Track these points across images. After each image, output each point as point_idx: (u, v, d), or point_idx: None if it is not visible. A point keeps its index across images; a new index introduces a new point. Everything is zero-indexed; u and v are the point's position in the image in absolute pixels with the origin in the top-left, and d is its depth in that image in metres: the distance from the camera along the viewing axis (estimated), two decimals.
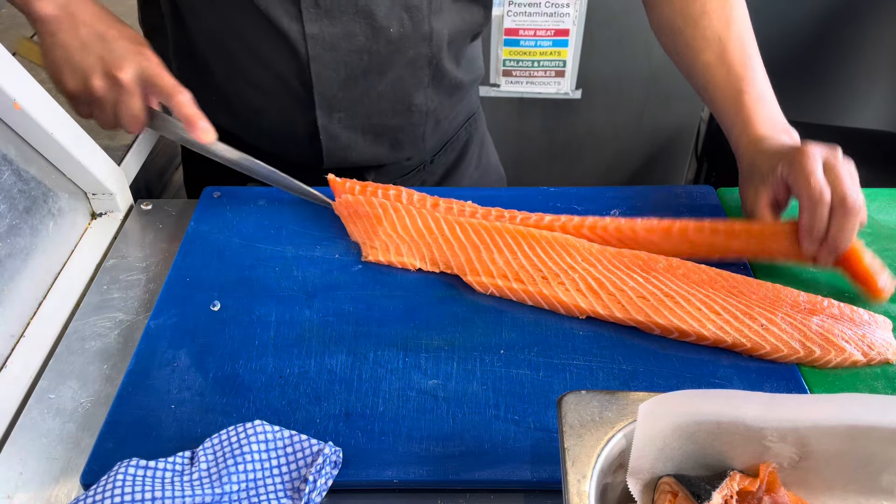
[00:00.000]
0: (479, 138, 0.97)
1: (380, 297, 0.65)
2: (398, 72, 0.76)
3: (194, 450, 0.51)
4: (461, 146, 0.94)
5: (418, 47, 0.75)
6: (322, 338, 0.61)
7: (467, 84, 0.85)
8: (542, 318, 0.63)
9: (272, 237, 0.71)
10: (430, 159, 0.90)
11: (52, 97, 0.67)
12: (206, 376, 0.57)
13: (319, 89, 0.75)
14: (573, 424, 0.44)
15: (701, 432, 0.43)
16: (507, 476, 0.50)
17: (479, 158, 0.97)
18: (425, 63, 0.77)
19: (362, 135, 0.81)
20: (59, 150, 0.68)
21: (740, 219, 0.69)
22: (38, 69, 0.96)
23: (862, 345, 0.59)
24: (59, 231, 0.71)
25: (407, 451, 0.52)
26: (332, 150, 0.81)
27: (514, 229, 0.68)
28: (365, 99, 0.78)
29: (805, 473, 0.44)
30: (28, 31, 1.06)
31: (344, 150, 0.81)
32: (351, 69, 0.75)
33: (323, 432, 0.53)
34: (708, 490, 0.42)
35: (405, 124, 0.81)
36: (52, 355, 0.61)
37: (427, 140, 0.85)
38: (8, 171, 0.65)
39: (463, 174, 0.94)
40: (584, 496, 0.40)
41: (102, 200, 0.76)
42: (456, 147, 0.93)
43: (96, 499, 0.46)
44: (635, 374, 0.58)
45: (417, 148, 0.85)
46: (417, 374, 0.58)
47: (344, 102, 0.77)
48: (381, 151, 0.83)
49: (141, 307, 0.66)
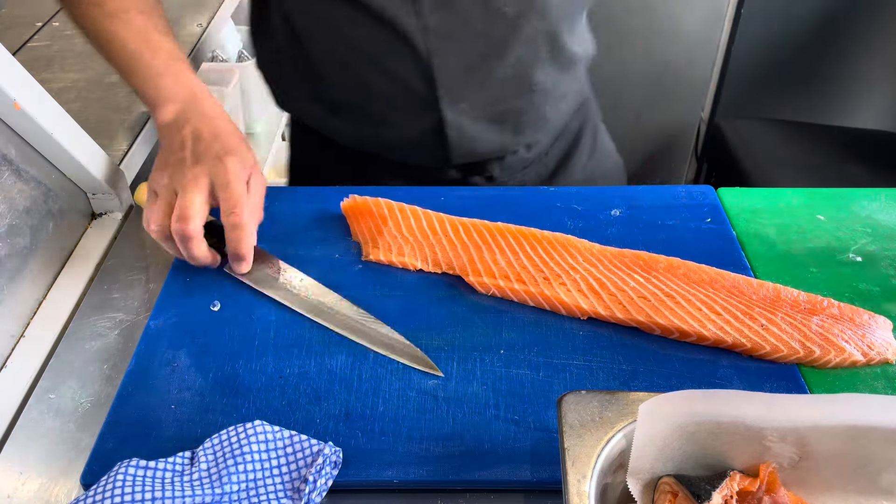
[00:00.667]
0: (591, 126, 0.96)
1: (380, 297, 0.65)
2: (516, 51, 0.76)
3: (194, 450, 0.51)
4: (573, 135, 0.93)
5: (533, 23, 0.75)
6: (322, 338, 0.61)
7: (581, 57, 0.85)
8: (542, 319, 0.63)
9: (272, 237, 0.71)
10: (546, 150, 0.90)
11: (52, 97, 0.67)
12: (206, 376, 0.57)
13: (442, 82, 0.75)
14: (573, 424, 0.44)
15: (701, 432, 0.43)
16: (507, 476, 0.50)
17: (591, 148, 0.96)
18: (542, 39, 0.77)
19: (488, 123, 0.81)
20: (59, 150, 0.68)
21: None
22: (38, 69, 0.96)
23: (862, 345, 0.59)
24: (59, 231, 0.71)
25: (407, 451, 0.52)
26: (459, 143, 0.80)
27: (517, 230, 0.68)
28: (486, 84, 0.78)
29: (805, 473, 0.44)
30: (29, 31, 1.06)
31: (471, 142, 0.81)
32: (470, 56, 0.75)
33: (323, 432, 0.53)
34: (708, 490, 0.42)
35: (527, 106, 0.82)
36: (52, 355, 0.61)
37: (549, 120, 0.85)
38: (8, 171, 0.65)
39: (576, 165, 0.93)
40: (584, 496, 0.40)
41: (102, 200, 0.76)
42: (567, 137, 0.93)
43: (96, 499, 0.46)
44: (635, 374, 0.58)
45: (539, 130, 0.86)
46: (417, 374, 0.57)
47: (467, 91, 0.77)
48: (506, 138, 0.83)
49: (141, 307, 0.66)
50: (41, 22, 1.09)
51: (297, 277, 0.65)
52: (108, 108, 0.89)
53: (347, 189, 0.77)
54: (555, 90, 0.83)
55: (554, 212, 0.74)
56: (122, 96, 0.91)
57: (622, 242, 0.69)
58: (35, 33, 1.06)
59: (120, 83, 0.92)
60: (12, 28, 1.07)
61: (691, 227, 0.73)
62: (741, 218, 0.74)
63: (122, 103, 0.89)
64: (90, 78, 0.94)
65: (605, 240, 0.70)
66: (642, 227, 0.73)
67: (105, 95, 0.91)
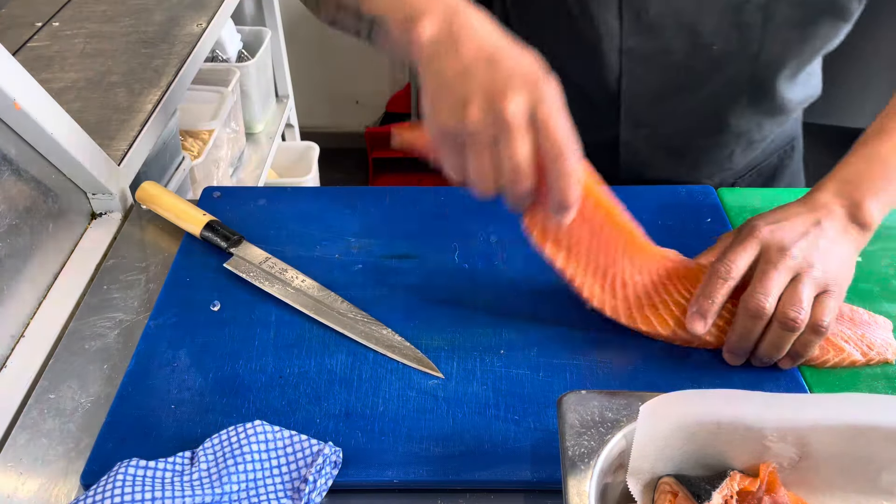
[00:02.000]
0: (792, 169, 0.87)
1: (380, 297, 0.65)
2: (714, 90, 0.72)
3: (194, 450, 0.51)
4: (769, 173, 0.86)
5: (741, 66, 0.70)
6: (322, 338, 0.61)
7: (796, 105, 0.78)
8: (542, 318, 0.62)
9: (272, 237, 0.71)
10: (731, 181, 0.84)
11: (52, 97, 0.67)
12: (206, 376, 0.57)
13: (628, 104, 0.73)
14: (573, 424, 0.44)
15: (701, 432, 0.43)
16: (507, 476, 0.50)
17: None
18: (746, 81, 0.72)
19: (666, 152, 0.78)
20: (59, 150, 0.68)
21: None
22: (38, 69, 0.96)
23: (861, 345, 0.59)
24: (59, 231, 0.71)
25: (407, 451, 0.52)
26: (631, 164, 0.78)
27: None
28: (674, 116, 0.75)
29: (805, 473, 0.44)
30: (29, 31, 1.06)
31: (642, 166, 0.79)
32: (663, 85, 0.72)
33: (323, 432, 0.53)
34: (708, 490, 0.42)
35: (713, 145, 0.77)
36: (52, 355, 0.61)
37: (734, 162, 0.80)
38: (8, 171, 0.65)
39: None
40: (584, 496, 0.40)
41: (102, 200, 0.76)
42: (763, 173, 0.86)
43: (96, 499, 0.46)
44: (635, 374, 0.58)
45: (720, 169, 0.81)
46: (417, 374, 0.58)
47: (651, 118, 0.75)
48: (681, 171, 0.80)
49: (141, 307, 0.66)
50: (41, 22, 1.09)
51: (299, 278, 0.65)
52: (108, 108, 0.89)
53: (348, 189, 0.77)
54: (750, 134, 0.78)
55: None
56: (122, 96, 0.91)
57: None
58: (35, 33, 1.06)
59: (120, 83, 0.93)
60: (12, 28, 1.07)
61: (691, 227, 0.73)
62: (741, 218, 0.74)
63: (122, 103, 0.89)
64: (90, 78, 0.94)
65: None
66: (642, 227, 0.72)
67: (105, 95, 0.91)
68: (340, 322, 0.61)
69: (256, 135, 1.66)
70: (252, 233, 0.71)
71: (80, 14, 1.12)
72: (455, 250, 0.70)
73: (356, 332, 0.61)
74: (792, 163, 0.88)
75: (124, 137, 0.84)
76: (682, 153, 0.78)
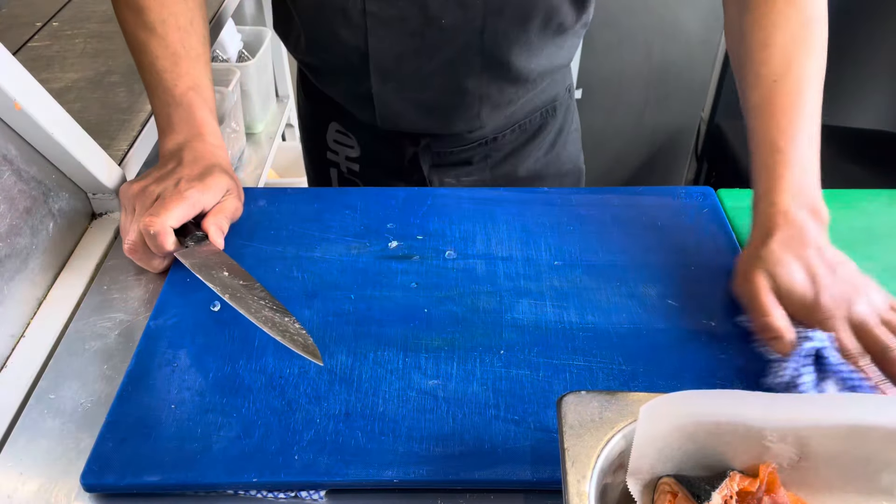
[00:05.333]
0: (555, 127, 0.96)
1: (380, 297, 0.65)
2: (449, 57, 0.79)
3: None
4: (533, 130, 0.94)
5: (469, 38, 0.77)
6: (322, 338, 0.61)
7: (539, 74, 0.85)
8: (542, 319, 0.63)
9: (272, 237, 0.71)
10: (492, 136, 0.91)
11: (52, 97, 0.67)
12: (206, 376, 0.57)
13: (375, 60, 0.80)
14: (573, 424, 0.44)
15: (701, 432, 0.43)
16: (507, 476, 0.50)
17: (550, 146, 0.97)
18: (476, 52, 0.78)
19: (414, 106, 0.84)
20: (59, 150, 0.68)
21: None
22: (38, 69, 0.96)
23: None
24: (59, 231, 0.71)
25: (407, 451, 0.52)
26: (385, 115, 0.85)
27: None
28: (417, 76, 0.81)
29: (805, 473, 0.44)
30: (29, 31, 1.06)
31: (395, 117, 0.86)
32: (404, 47, 0.78)
33: (323, 432, 0.53)
34: (708, 490, 0.42)
35: (457, 103, 0.84)
36: (52, 355, 0.61)
37: (484, 119, 0.86)
38: (8, 171, 0.65)
39: (528, 156, 0.95)
40: (584, 496, 0.40)
41: (102, 200, 0.77)
42: (527, 130, 0.94)
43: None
44: (635, 374, 0.58)
45: (471, 125, 0.87)
46: (417, 375, 0.58)
47: (396, 75, 0.81)
48: (432, 124, 0.86)
49: (141, 307, 0.66)
50: (41, 22, 1.09)
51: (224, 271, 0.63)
52: (108, 108, 0.89)
53: (348, 189, 0.77)
54: (493, 98, 0.84)
55: (552, 211, 0.74)
56: (122, 96, 0.91)
57: (622, 243, 0.69)
58: (35, 33, 1.06)
59: (120, 83, 0.93)
60: (12, 28, 1.07)
61: (691, 227, 0.73)
62: (741, 218, 0.74)
63: (122, 103, 0.89)
64: (90, 78, 0.94)
65: (606, 239, 0.70)
66: (642, 228, 0.73)
67: (105, 95, 0.91)
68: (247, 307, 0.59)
69: (256, 135, 1.67)
70: (252, 233, 0.71)
71: (81, 14, 1.12)
72: (454, 250, 0.70)
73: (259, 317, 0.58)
74: (555, 121, 0.96)
75: (124, 137, 0.84)
76: (429, 109, 0.85)
